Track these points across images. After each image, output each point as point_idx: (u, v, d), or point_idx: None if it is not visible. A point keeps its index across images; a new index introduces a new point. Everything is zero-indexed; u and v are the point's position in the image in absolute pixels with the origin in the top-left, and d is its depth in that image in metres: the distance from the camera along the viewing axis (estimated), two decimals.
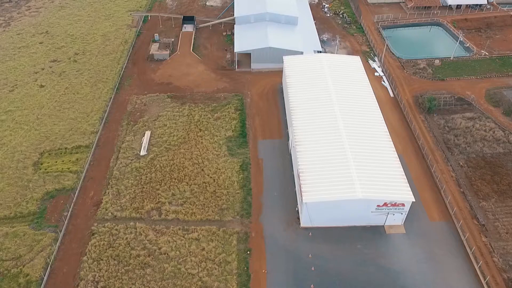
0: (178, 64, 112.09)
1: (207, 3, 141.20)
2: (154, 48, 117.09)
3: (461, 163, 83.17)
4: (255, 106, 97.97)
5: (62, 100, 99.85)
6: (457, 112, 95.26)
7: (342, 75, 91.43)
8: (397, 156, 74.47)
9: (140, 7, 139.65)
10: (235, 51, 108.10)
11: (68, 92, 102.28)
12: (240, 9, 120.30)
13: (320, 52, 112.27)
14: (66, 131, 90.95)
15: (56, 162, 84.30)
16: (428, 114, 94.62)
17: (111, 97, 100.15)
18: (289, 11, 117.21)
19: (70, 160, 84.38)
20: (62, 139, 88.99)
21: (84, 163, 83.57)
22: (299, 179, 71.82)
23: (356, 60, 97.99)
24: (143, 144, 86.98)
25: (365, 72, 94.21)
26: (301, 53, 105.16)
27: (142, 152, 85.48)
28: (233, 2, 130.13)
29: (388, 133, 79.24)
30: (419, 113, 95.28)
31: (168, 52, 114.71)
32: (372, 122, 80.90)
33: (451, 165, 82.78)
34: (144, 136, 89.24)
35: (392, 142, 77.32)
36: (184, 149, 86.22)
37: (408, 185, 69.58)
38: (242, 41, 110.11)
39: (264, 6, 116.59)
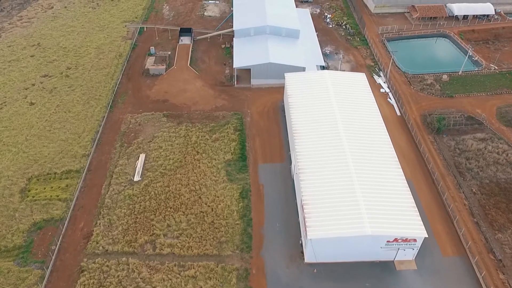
0: (174, 80, 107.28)
1: (205, 14, 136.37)
2: (149, 62, 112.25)
3: (474, 190, 78.54)
4: (255, 125, 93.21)
5: (52, 119, 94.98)
6: (468, 133, 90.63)
7: (347, 94, 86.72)
8: (407, 185, 69.78)
9: (136, 17, 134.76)
10: (234, 66, 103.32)
11: (59, 111, 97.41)
12: (239, 21, 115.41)
13: (323, 67, 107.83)
14: (56, 154, 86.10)
15: (45, 188, 79.45)
16: (437, 135, 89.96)
17: (104, 116, 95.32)
18: (290, 24, 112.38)
19: (59, 187, 79.51)
20: (51, 163, 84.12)
21: (74, 190, 78.74)
22: (303, 211, 67.08)
23: (362, 78, 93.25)
24: (137, 169, 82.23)
25: (371, 91, 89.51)
26: (303, 68, 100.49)
27: (136, 178, 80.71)
28: (232, 13, 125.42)
29: (397, 159, 74.58)
30: (427, 133, 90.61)
31: (164, 66, 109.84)
32: (379, 147, 76.21)
33: (463, 192, 78.15)
34: (138, 159, 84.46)
35: (401, 170, 72.66)
36: (180, 174, 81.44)
37: (420, 219, 64.87)
38: (241, 56, 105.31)
39: (264, 19, 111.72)
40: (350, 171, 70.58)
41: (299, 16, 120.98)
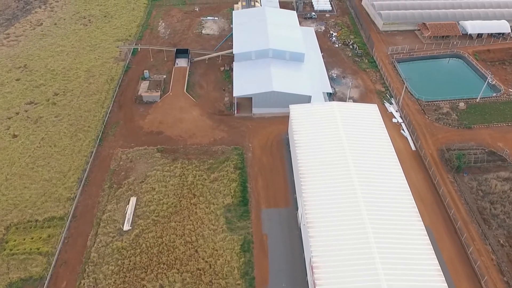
0: (170, 108, 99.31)
1: (203, 31, 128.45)
2: (143, 88, 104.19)
3: (501, 241, 70.75)
4: (258, 162, 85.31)
5: (36, 154, 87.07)
6: (490, 171, 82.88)
7: (358, 131, 78.57)
8: (430, 243, 61.66)
9: (130, 35, 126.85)
10: (234, 95, 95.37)
11: (44, 144, 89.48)
12: (239, 43, 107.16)
13: (330, 93, 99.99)
14: (39, 197, 78.21)
15: (24, 239, 71.59)
16: (457, 173, 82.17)
17: (92, 151, 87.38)
18: (295, 46, 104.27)
19: (40, 238, 71.61)
20: (32, 208, 76.26)
21: (57, 241, 70.82)
22: (312, 273, 59.22)
23: (374, 110, 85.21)
24: (127, 216, 74.34)
25: (384, 126, 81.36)
26: (309, 97, 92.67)
27: (126, 227, 72.81)
28: (232, 33, 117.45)
29: (417, 209, 66.54)
30: (446, 172, 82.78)
31: (158, 93, 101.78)
32: (397, 195, 68.21)
33: (489, 244, 70.35)
34: (128, 204, 76.58)
35: (422, 223, 64.60)
36: (175, 222, 73.56)
37: (446, 283, 56.93)
38: (242, 83, 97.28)
39: (266, 41, 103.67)
40: (366, 226, 62.64)
41: (303, 35, 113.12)
